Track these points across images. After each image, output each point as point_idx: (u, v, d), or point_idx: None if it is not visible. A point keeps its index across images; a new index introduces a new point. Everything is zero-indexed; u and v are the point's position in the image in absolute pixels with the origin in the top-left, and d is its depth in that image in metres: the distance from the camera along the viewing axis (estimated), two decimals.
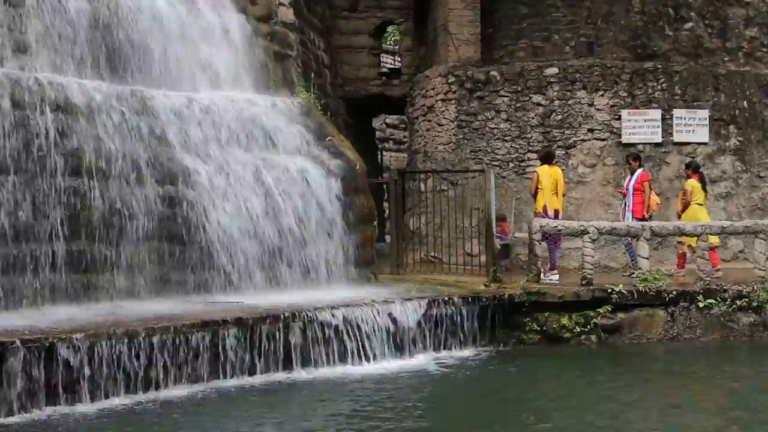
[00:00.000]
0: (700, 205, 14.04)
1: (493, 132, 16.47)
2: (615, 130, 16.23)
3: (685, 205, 13.98)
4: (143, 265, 10.22)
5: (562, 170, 14.29)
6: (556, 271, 13.24)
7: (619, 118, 16.23)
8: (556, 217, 13.30)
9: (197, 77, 12.54)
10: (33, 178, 9.42)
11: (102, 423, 7.66)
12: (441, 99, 16.91)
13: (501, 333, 11.85)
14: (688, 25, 18.14)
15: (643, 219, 13.57)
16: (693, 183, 14.06)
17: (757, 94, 17.20)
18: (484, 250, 13.77)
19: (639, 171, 13.96)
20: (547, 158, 13.78)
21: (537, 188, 13.51)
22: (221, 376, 9.05)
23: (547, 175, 13.46)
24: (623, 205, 14.09)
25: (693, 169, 14.34)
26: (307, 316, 9.75)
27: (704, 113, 16.54)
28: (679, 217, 14.01)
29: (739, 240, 15.58)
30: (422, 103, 17.66)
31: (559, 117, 16.24)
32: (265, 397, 8.75)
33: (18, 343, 7.63)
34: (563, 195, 13.75)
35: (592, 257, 12.61)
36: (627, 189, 13.95)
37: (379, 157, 26.42)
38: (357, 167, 12.87)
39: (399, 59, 24.00)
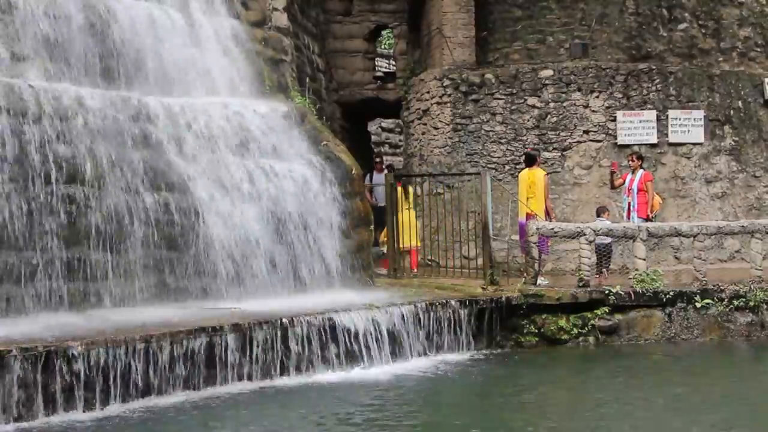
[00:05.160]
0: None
1: (488, 135, 16.47)
2: (610, 132, 16.23)
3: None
4: (140, 272, 10.19)
5: (558, 172, 14.23)
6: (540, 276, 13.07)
7: (615, 119, 16.24)
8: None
9: (192, 83, 12.52)
10: (29, 185, 9.40)
11: (99, 431, 7.64)
12: (436, 102, 16.91)
13: (499, 335, 11.86)
14: (683, 25, 18.15)
15: (648, 219, 13.59)
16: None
17: (751, 94, 17.23)
18: (480, 253, 13.75)
19: (641, 171, 13.91)
20: (526, 161, 13.74)
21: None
22: (218, 382, 9.04)
23: (524, 179, 13.41)
24: (627, 206, 14.03)
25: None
26: (304, 321, 9.74)
27: (699, 113, 16.56)
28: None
29: (735, 240, 15.59)
30: (417, 107, 17.66)
31: (555, 119, 16.24)
32: (262, 403, 8.74)
33: (15, 351, 7.62)
34: (547, 197, 13.56)
35: (589, 259, 12.61)
36: (630, 188, 13.89)
37: None
38: (353, 171, 12.88)
39: (394, 63, 23.98)
